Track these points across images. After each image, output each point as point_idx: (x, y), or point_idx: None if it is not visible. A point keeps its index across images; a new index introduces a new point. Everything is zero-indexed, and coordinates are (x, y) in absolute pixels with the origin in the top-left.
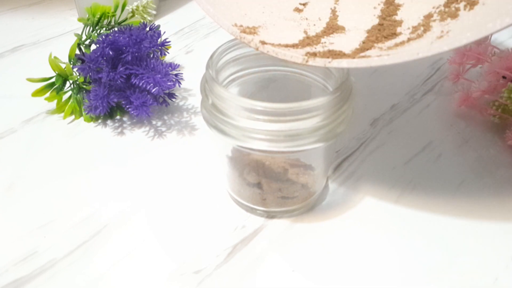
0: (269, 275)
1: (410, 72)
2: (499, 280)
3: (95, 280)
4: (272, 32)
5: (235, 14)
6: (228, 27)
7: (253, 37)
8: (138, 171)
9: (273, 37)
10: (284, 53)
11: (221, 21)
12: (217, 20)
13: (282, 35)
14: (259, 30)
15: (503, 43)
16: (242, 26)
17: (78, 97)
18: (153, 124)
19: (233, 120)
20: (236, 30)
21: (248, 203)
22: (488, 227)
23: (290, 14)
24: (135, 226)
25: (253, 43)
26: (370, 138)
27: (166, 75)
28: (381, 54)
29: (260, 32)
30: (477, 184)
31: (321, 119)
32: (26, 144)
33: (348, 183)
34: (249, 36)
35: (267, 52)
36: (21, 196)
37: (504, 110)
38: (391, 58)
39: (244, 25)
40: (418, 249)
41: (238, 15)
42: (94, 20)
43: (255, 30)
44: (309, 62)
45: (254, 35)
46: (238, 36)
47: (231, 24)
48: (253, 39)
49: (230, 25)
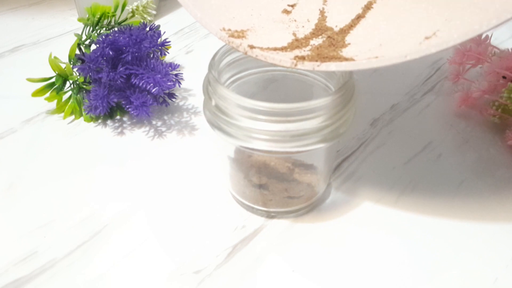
0: (269, 275)
1: (410, 72)
2: (499, 280)
3: (95, 280)
4: (261, 35)
5: (223, 17)
6: (216, 32)
7: (241, 41)
8: (138, 171)
9: (262, 40)
10: (272, 57)
11: (209, 26)
12: (205, 25)
13: (271, 38)
14: (248, 34)
15: (503, 43)
16: (230, 30)
17: (78, 97)
18: (153, 124)
19: (237, 121)
20: (224, 35)
21: (253, 204)
22: (488, 227)
23: (279, 16)
24: (135, 226)
25: (242, 48)
26: (370, 138)
27: (166, 75)
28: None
29: (248, 36)
30: (477, 184)
31: (324, 119)
32: (26, 144)
33: (348, 183)
34: (238, 40)
35: (255, 56)
36: (21, 196)
37: (504, 110)
38: (379, 61)
39: (233, 28)
40: (418, 249)
41: (227, 18)
42: (94, 20)
43: (243, 33)
44: (297, 66)
45: (242, 39)
46: (226, 41)
47: (219, 28)
48: (242, 43)
49: (218, 30)
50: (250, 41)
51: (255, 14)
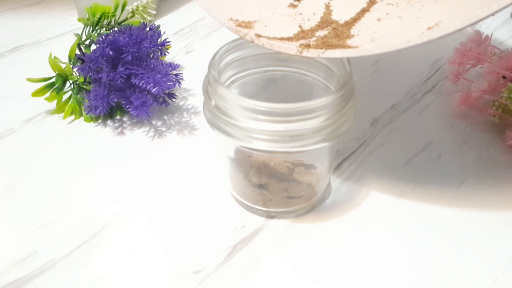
0: (269, 275)
1: (410, 72)
2: (499, 280)
3: (95, 280)
4: (268, 27)
5: (231, 9)
6: (224, 21)
7: (248, 31)
8: (138, 171)
9: (268, 31)
10: (278, 45)
11: (217, 16)
12: (213, 15)
13: (277, 30)
14: (255, 25)
15: (503, 43)
16: (238, 20)
17: (78, 97)
18: (153, 124)
19: (237, 121)
20: (232, 24)
21: (253, 204)
22: (488, 227)
23: (285, 9)
24: (135, 226)
25: (249, 36)
26: (370, 138)
27: (166, 75)
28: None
29: (255, 27)
30: (477, 184)
31: (325, 119)
32: (26, 144)
33: (348, 183)
34: (245, 29)
35: (262, 44)
36: (21, 196)
37: (504, 110)
38: (382, 47)
39: (240, 19)
40: (418, 249)
41: (234, 10)
42: (94, 20)
43: (250, 24)
44: (303, 53)
45: (249, 29)
46: (233, 30)
47: (227, 18)
48: (249, 32)
49: (226, 19)
50: (257, 31)
51: (262, 7)
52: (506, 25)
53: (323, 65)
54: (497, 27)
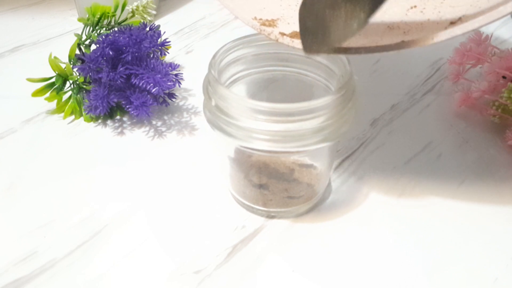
0: (269, 275)
1: (410, 72)
2: (499, 280)
3: (95, 280)
4: (290, 25)
5: (254, 8)
6: (248, 21)
7: (272, 30)
8: (138, 171)
9: (291, 29)
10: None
11: (240, 15)
12: (237, 14)
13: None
14: (278, 23)
15: (503, 43)
16: (261, 19)
17: (78, 97)
18: (153, 124)
19: (238, 121)
20: (256, 23)
21: (253, 204)
22: (488, 227)
23: None
24: (135, 226)
25: (273, 35)
26: (370, 138)
27: (166, 75)
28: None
29: (278, 25)
30: (477, 184)
31: (325, 119)
32: (26, 144)
33: (348, 183)
34: (269, 28)
35: (287, 44)
36: (21, 196)
37: (504, 110)
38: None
39: (263, 18)
40: (418, 249)
41: (257, 9)
42: (94, 20)
43: (274, 22)
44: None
45: (273, 27)
46: (258, 29)
47: (251, 17)
48: (273, 31)
49: (250, 19)
50: (281, 29)
51: (284, 4)
52: (506, 25)
53: (323, 65)
54: (497, 27)
